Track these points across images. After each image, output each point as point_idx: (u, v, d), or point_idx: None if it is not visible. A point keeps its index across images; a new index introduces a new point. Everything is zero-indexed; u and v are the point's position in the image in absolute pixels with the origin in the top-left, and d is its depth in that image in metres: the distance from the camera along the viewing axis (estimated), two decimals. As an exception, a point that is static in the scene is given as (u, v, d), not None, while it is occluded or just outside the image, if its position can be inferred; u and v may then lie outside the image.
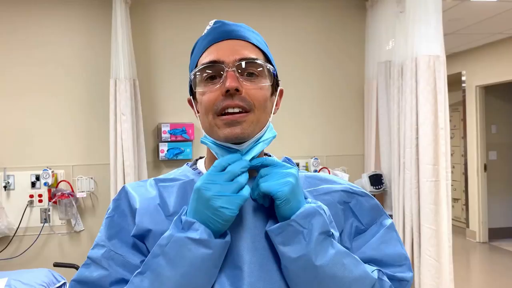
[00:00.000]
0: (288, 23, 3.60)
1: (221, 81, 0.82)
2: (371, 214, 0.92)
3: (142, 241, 0.84)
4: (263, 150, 0.90)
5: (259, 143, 0.85)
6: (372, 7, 3.51)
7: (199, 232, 0.75)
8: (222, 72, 0.82)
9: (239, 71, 0.83)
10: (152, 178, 0.94)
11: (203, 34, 0.90)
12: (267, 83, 0.85)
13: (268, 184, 0.79)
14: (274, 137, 0.87)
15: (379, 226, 0.92)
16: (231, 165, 0.79)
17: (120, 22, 3.12)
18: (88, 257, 0.85)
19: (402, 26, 2.94)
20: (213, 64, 0.83)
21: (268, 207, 0.84)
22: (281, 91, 0.93)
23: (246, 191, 0.78)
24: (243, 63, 0.83)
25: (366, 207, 0.92)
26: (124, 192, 0.90)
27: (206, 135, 0.87)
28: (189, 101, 0.93)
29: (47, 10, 3.33)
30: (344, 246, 0.86)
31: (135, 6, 3.36)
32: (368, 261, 0.88)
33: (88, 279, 0.82)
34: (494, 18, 4.46)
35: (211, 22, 0.89)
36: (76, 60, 3.35)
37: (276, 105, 0.91)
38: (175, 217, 0.80)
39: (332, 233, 0.81)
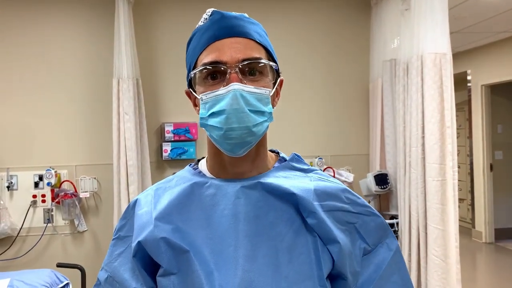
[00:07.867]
0: (292, 21, 3.57)
1: (224, 83, 0.81)
2: (377, 233, 0.90)
3: (144, 255, 0.84)
4: (267, 149, 0.92)
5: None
6: (376, 5, 3.48)
7: None
8: (225, 74, 0.81)
9: (242, 71, 0.82)
10: (155, 185, 0.94)
11: (200, 25, 0.88)
12: (269, 82, 0.85)
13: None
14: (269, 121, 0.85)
15: (385, 249, 0.90)
16: None
17: (123, 21, 3.10)
18: (97, 278, 0.92)
19: (408, 23, 2.91)
20: (215, 65, 0.82)
21: (264, 217, 0.83)
22: (281, 81, 0.91)
23: None
24: (247, 63, 0.82)
25: (372, 227, 0.90)
26: (132, 212, 0.91)
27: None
28: (187, 93, 0.91)
29: (50, 9, 3.32)
30: (354, 271, 0.85)
31: (138, 6, 3.35)
32: None
33: None
34: (500, 16, 4.42)
35: (209, 12, 0.87)
36: (79, 60, 3.34)
37: (276, 96, 0.90)
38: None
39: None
